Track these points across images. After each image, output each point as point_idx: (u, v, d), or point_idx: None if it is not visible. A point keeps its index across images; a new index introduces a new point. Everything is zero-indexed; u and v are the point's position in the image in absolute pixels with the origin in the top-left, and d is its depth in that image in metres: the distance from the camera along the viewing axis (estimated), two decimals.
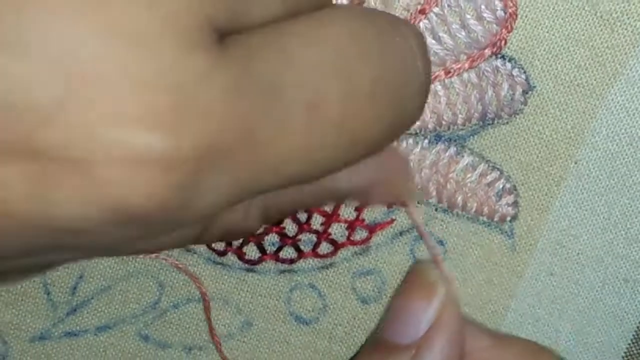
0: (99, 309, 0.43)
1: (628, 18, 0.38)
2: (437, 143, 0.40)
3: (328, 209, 0.42)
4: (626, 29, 0.38)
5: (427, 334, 0.36)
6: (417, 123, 0.39)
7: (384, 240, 0.42)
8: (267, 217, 0.33)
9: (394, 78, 0.29)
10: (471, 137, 0.40)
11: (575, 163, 0.40)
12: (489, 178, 0.41)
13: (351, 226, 0.42)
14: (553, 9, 0.38)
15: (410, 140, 0.40)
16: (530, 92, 0.39)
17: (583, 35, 0.38)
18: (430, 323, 0.36)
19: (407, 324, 0.37)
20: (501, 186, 0.41)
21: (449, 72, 0.39)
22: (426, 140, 0.40)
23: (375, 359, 0.37)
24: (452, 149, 0.40)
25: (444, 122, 0.40)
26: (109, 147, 0.22)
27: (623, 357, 0.43)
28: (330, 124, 0.27)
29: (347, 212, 0.42)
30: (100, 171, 0.22)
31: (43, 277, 0.42)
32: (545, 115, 0.40)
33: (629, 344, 0.43)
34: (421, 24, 0.38)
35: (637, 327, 0.42)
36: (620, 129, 0.40)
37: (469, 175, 0.41)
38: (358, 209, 0.42)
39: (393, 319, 0.37)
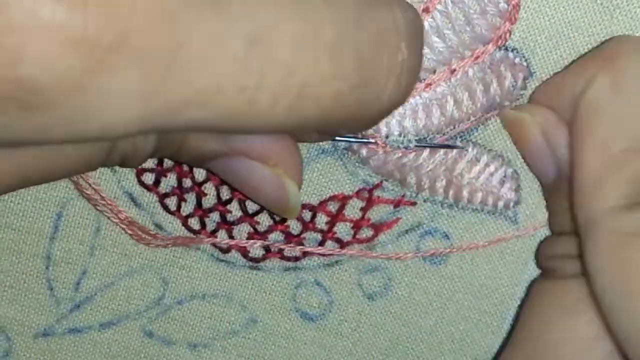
0: (103, 305, 0.43)
1: (627, 4, 0.38)
2: None
3: (333, 209, 0.41)
4: (625, 16, 0.38)
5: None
6: (425, 126, 0.39)
7: (389, 238, 0.42)
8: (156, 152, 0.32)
9: (363, 44, 0.28)
10: (476, 129, 0.40)
11: None
12: (492, 167, 0.40)
13: (356, 225, 0.42)
14: None
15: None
16: (530, 78, 0.39)
17: (583, 22, 0.38)
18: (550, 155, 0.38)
19: (539, 167, 0.39)
20: (503, 173, 0.41)
21: (454, 70, 0.39)
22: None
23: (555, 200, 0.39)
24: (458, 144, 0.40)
25: (451, 122, 0.40)
26: (10, 13, 0.22)
27: None
28: (274, 64, 0.26)
29: (352, 212, 0.42)
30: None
31: (46, 273, 0.42)
32: None
33: None
34: (426, 23, 0.38)
35: None
36: None
37: (474, 169, 0.40)
38: (363, 209, 0.42)
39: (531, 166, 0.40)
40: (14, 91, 0.23)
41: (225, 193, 0.41)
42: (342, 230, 0.42)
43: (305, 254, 0.42)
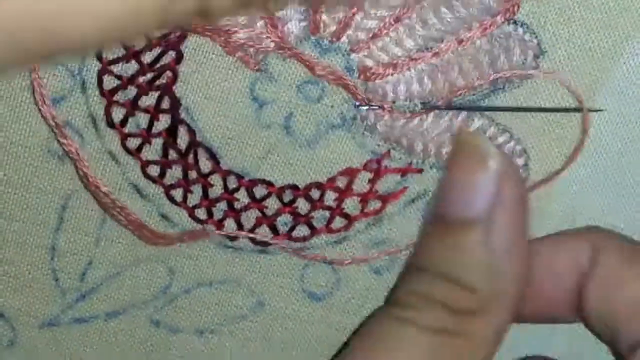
0: (109, 295, 0.42)
1: None
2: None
3: (341, 184, 0.41)
4: None
5: (492, 210, 0.33)
6: (430, 91, 0.39)
7: (396, 210, 0.42)
8: None
9: None
10: (481, 101, 0.40)
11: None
12: (499, 140, 0.41)
13: (364, 199, 0.42)
14: None
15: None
16: (541, 57, 0.39)
17: None
18: (492, 194, 0.33)
19: (466, 199, 0.34)
20: (512, 148, 0.41)
21: (462, 41, 0.39)
22: None
23: (442, 237, 0.34)
24: (463, 114, 0.40)
25: (456, 89, 0.40)
26: None
27: None
28: None
29: (360, 185, 0.41)
30: None
31: (51, 264, 0.41)
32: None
33: None
34: None
35: None
36: (632, 91, 0.40)
37: None
38: (371, 181, 0.41)
39: (451, 194, 0.34)
40: None
41: (232, 182, 0.41)
42: (350, 205, 0.42)
43: (313, 233, 0.42)
